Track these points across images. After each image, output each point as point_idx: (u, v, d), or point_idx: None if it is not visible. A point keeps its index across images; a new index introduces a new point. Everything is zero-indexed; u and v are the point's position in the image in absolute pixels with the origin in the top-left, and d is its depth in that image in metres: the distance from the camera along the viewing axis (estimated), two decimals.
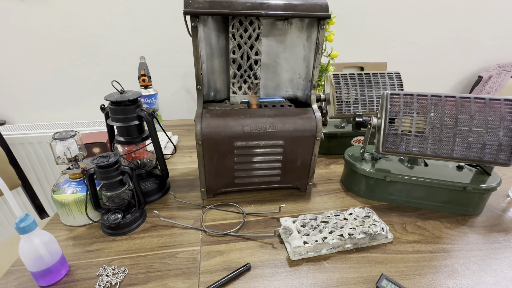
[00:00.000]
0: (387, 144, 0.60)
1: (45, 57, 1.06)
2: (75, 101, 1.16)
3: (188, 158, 0.87)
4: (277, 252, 0.52)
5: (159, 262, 0.50)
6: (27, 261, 0.43)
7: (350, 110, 0.81)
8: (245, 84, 0.63)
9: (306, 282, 0.46)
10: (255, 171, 0.65)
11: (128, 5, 1.03)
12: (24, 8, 0.99)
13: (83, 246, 0.53)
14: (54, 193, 0.56)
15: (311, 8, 0.55)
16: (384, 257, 0.51)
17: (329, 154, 0.90)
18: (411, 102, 0.58)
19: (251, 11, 0.54)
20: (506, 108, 0.55)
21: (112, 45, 1.09)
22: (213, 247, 0.53)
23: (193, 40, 0.55)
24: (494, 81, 1.29)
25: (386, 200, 0.67)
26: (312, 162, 0.65)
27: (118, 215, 0.56)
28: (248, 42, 0.59)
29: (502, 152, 0.55)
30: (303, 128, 0.61)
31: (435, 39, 1.31)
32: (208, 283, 0.45)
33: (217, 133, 0.58)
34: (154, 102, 0.99)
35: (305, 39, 0.61)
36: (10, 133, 1.04)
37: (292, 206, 0.65)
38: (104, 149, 0.73)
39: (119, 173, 0.54)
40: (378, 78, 0.82)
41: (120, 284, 0.45)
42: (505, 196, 0.70)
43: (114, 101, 0.56)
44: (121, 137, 0.61)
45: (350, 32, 1.23)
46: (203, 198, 0.67)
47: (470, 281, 0.47)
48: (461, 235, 0.57)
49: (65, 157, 0.55)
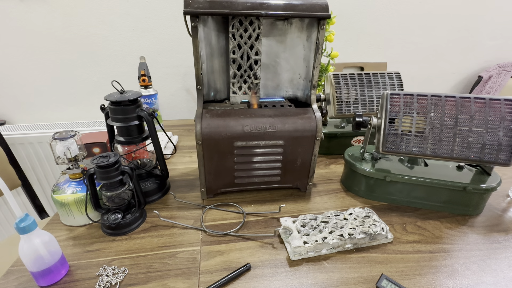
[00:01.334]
0: (387, 144, 0.60)
1: (45, 57, 1.07)
2: (75, 101, 1.16)
3: (188, 158, 0.87)
4: (277, 252, 0.52)
5: (159, 262, 0.50)
6: (27, 261, 0.43)
7: (350, 110, 0.81)
8: (245, 84, 0.63)
9: (306, 282, 0.46)
10: (255, 171, 0.65)
11: (128, 5, 1.04)
12: (24, 8, 0.99)
13: (83, 246, 0.53)
14: (54, 193, 0.56)
15: (311, 8, 0.55)
16: (384, 257, 0.51)
17: (329, 154, 0.90)
18: (411, 102, 0.58)
19: (251, 11, 0.54)
20: (506, 108, 0.55)
21: (112, 45, 1.09)
22: (213, 247, 0.53)
23: (193, 40, 0.55)
24: (494, 81, 1.29)
25: (386, 200, 0.67)
26: (312, 162, 0.65)
27: (118, 215, 0.56)
28: (248, 42, 0.59)
29: (502, 152, 0.55)
30: (303, 128, 0.61)
31: (435, 39, 1.31)
32: (208, 283, 0.45)
33: (217, 133, 0.58)
34: (154, 102, 0.99)
35: (305, 39, 0.61)
36: (10, 133, 1.04)
37: (292, 206, 0.65)
38: (104, 149, 0.73)
39: (119, 173, 0.54)
40: (378, 78, 0.82)
41: (120, 284, 0.45)
42: (505, 196, 0.70)
43: (114, 101, 0.56)
44: (121, 137, 0.61)
45: (350, 32, 1.23)
46: (203, 198, 0.67)
47: (470, 281, 0.47)
48: (461, 235, 0.57)
49: (65, 157, 0.55)
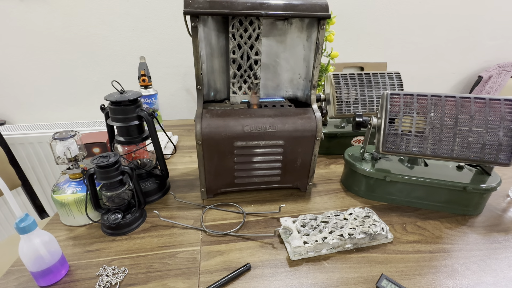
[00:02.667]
0: (387, 144, 0.60)
1: (45, 57, 1.07)
2: (75, 101, 1.16)
3: (188, 158, 0.87)
4: (277, 252, 0.52)
5: (159, 262, 0.50)
6: (27, 261, 0.43)
7: (350, 110, 0.81)
8: (245, 84, 0.63)
9: (306, 282, 0.46)
10: (255, 171, 0.65)
11: (128, 5, 1.04)
12: (24, 8, 0.99)
13: (83, 246, 0.53)
14: (54, 193, 0.56)
15: (311, 8, 0.55)
16: (384, 257, 0.51)
17: (329, 154, 0.90)
18: (411, 102, 0.58)
19: (251, 11, 0.54)
20: (506, 108, 0.55)
21: (112, 45, 1.09)
22: (213, 247, 0.53)
23: (193, 40, 0.55)
24: (494, 81, 1.29)
25: (386, 200, 0.67)
26: (312, 162, 0.65)
27: (118, 215, 0.56)
28: (248, 42, 0.59)
29: (502, 152, 0.55)
30: (303, 128, 0.61)
31: (435, 39, 1.31)
32: (208, 283, 0.45)
33: (217, 133, 0.58)
34: (154, 102, 0.99)
35: (305, 39, 0.61)
36: (10, 133, 1.04)
37: (292, 206, 0.65)
38: (104, 149, 0.73)
39: (119, 173, 0.54)
40: (378, 78, 0.82)
41: (120, 284, 0.45)
42: (505, 196, 0.70)
43: (114, 101, 0.56)
44: (121, 137, 0.61)
45: (350, 32, 1.23)
46: (203, 198, 0.67)
47: (470, 281, 0.47)
48: (461, 235, 0.57)
49: (65, 157, 0.55)
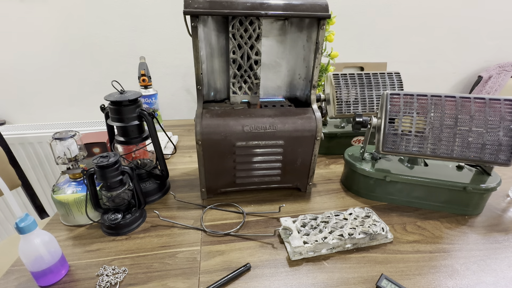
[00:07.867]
0: (387, 144, 0.60)
1: (45, 57, 1.07)
2: (75, 101, 1.16)
3: (188, 158, 0.87)
4: (277, 252, 0.52)
5: (159, 262, 0.50)
6: (27, 261, 0.43)
7: (350, 110, 0.81)
8: (245, 84, 0.63)
9: (306, 282, 0.46)
10: (255, 171, 0.65)
11: (128, 5, 1.04)
12: (24, 8, 0.99)
13: (83, 246, 0.53)
14: (54, 193, 0.56)
15: (311, 8, 0.55)
16: (384, 257, 0.51)
17: (329, 154, 0.90)
18: (411, 102, 0.58)
19: (251, 11, 0.54)
20: (506, 108, 0.55)
21: (112, 45, 1.09)
22: (213, 247, 0.53)
23: (193, 40, 0.55)
24: (494, 81, 1.29)
25: (386, 200, 0.67)
26: (312, 162, 0.65)
27: (118, 215, 0.56)
28: (248, 42, 0.59)
29: (502, 152, 0.55)
30: (303, 128, 0.61)
31: (435, 39, 1.31)
32: (208, 283, 0.45)
33: (217, 133, 0.58)
34: (154, 102, 0.99)
35: (305, 39, 0.61)
36: (10, 133, 1.04)
37: (292, 206, 0.65)
38: (104, 149, 0.73)
39: (119, 173, 0.54)
40: (378, 78, 0.82)
41: (120, 284, 0.45)
42: (505, 196, 0.70)
43: (114, 101, 0.56)
44: (121, 137, 0.61)
45: (350, 32, 1.23)
46: (203, 198, 0.67)
47: (470, 281, 0.47)
48: (461, 235, 0.57)
49: (65, 157, 0.55)
